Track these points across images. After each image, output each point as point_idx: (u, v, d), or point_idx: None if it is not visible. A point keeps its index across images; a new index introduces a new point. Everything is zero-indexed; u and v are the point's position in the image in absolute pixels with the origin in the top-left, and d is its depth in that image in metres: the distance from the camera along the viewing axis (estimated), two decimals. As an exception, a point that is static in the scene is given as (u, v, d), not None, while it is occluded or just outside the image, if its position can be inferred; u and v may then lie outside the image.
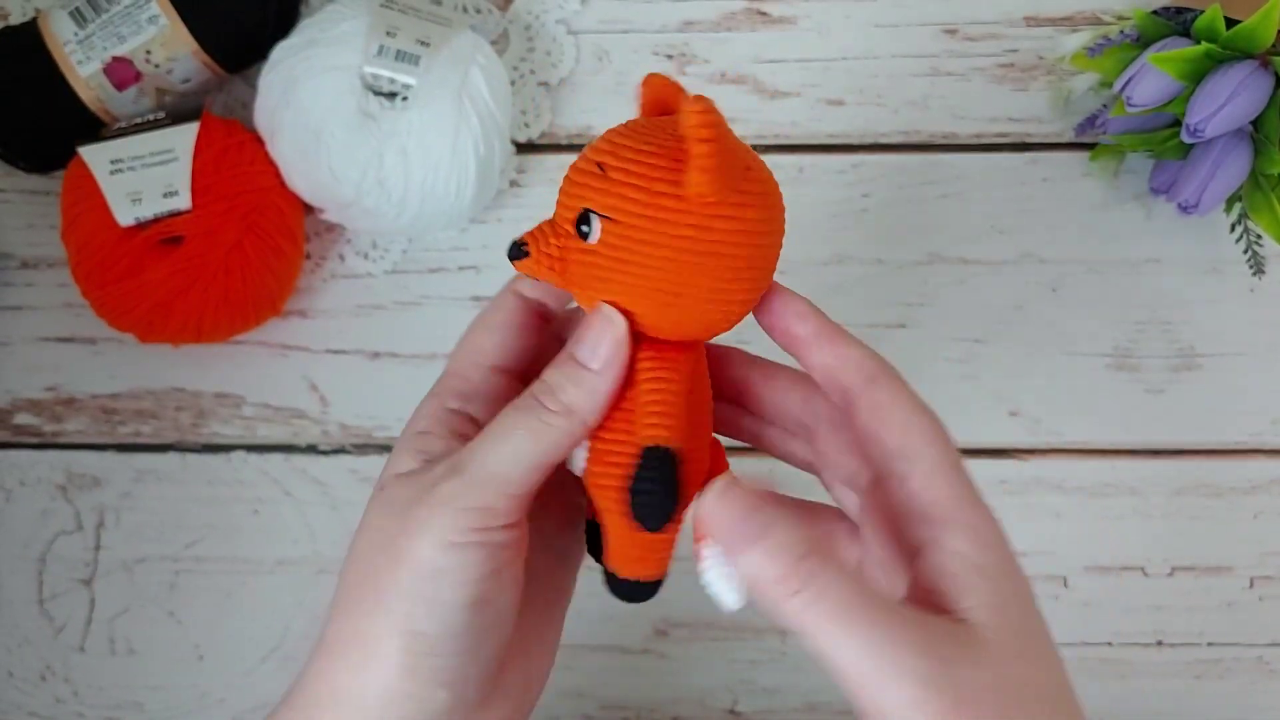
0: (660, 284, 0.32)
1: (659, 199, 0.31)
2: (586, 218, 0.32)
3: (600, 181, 0.31)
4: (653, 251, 0.32)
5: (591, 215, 0.32)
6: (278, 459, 0.56)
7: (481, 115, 0.52)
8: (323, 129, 0.51)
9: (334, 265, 0.57)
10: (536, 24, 0.58)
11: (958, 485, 0.33)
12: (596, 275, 0.32)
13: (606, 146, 0.32)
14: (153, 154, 0.51)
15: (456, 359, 0.37)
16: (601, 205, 0.31)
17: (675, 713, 0.54)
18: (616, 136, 0.32)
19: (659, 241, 0.31)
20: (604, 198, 0.31)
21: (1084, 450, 0.56)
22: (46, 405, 0.56)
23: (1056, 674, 0.32)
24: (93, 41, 0.52)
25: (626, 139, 0.32)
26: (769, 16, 0.58)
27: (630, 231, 0.31)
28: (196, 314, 0.52)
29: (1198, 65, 0.49)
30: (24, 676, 0.55)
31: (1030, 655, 0.31)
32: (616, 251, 0.32)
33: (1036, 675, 0.31)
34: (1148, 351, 0.56)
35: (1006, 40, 0.58)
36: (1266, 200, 0.51)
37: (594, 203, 0.31)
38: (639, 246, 0.32)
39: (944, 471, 0.33)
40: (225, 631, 0.55)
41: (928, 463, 0.33)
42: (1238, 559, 0.55)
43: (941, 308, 0.56)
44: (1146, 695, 0.54)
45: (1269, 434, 0.55)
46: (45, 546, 0.55)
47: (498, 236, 0.57)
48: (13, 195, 0.57)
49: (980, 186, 0.57)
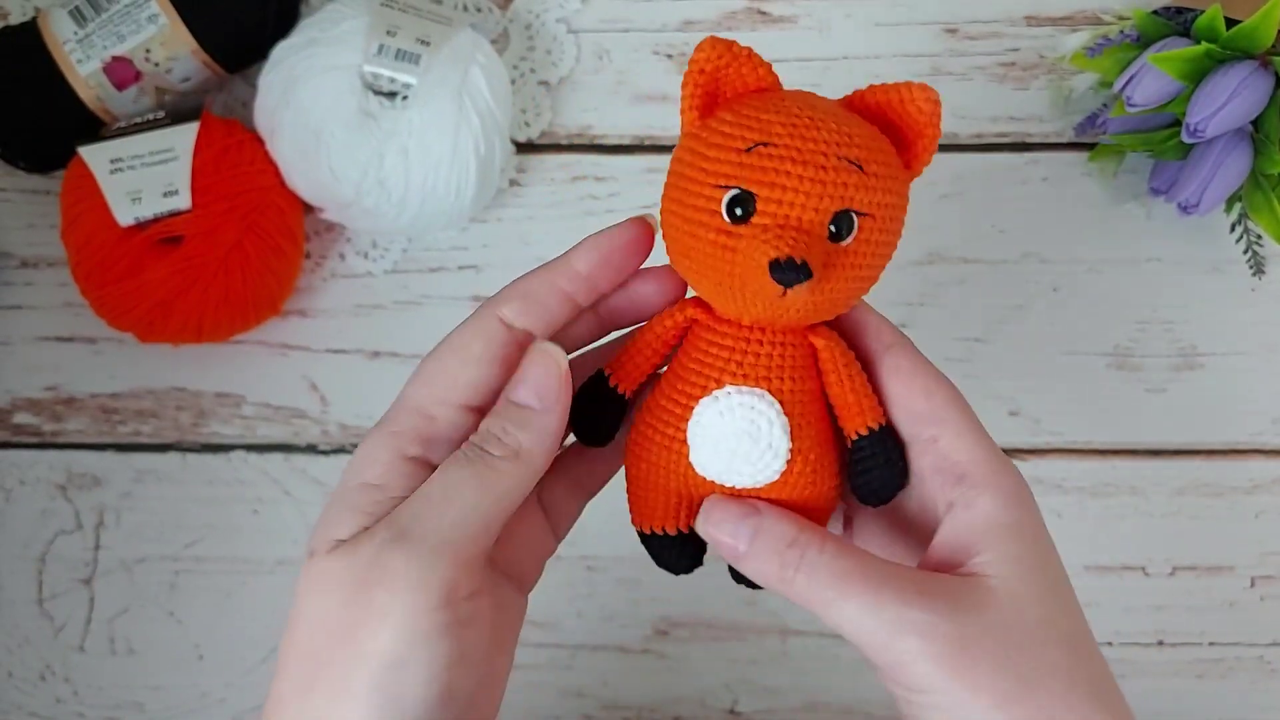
0: (878, 270, 0.33)
1: (903, 186, 0.32)
2: (847, 218, 0.31)
3: (859, 178, 0.31)
4: (893, 239, 0.32)
5: (852, 215, 0.31)
6: (277, 459, 0.56)
7: (482, 114, 0.52)
8: (323, 128, 0.51)
9: (334, 265, 0.57)
10: (537, 23, 0.58)
11: (987, 447, 0.33)
12: (845, 275, 0.32)
13: (841, 139, 0.31)
14: (152, 153, 0.51)
15: (421, 390, 0.33)
16: (863, 203, 0.31)
17: (675, 713, 0.54)
18: (837, 125, 0.31)
19: (898, 228, 0.33)
20: (866, 194, 0.31)
21: (1084, 450, 0.56)
22: (46, 405, 0.56)
23: (1075, 619, 0.32)
24: (92, 41, 0.52)
25: (853, 128, 0.31)
26: (769, 15, 0.58)
27: (881, 224, 0.32)
28: (196, 314, 0.52)
29: (1198, 65, 0.49)
30: (24, 676, 0.54)
31: (1048, 601, 0.31)
32: (865, 247, 0.32)
33: (1053, 618, 0.31)
34: (1148, 351, 0.56)
35: (1007, 40, 0.58)
36: (1267, 200, 0.51)
37: (855, 201, 0.31)
38: (887, 237, 0.32)
39: (972, 433, 0.33)
40: (225, 631, 0.55)
41: (954, 425, 0.33)
42: (1239, 559, 0.55)
43: (942, 307, 0.56)
44: (1148, 695, 0.54)
45: (1270, 433, 0.55)
46: (45, 546, 0.55)
47: (498, 236, 0.57)
48: (13, 195, 0.57)
49: (981, 186, 0.57)
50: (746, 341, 0.33)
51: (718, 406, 0.33)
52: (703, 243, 0.32)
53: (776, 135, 0.31)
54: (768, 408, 0.33)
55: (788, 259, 0.30)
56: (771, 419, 0.33)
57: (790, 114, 0.31)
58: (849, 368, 0.34)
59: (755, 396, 0.33)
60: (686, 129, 0.33)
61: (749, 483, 0.33)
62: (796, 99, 0.32)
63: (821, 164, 0.31)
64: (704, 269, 0.32)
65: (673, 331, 0.34)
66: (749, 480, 0.33)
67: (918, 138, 0.33)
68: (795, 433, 0.33)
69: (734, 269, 0.31)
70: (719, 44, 0.32)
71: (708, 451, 0.33)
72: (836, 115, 0.32)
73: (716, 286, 0.32)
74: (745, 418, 0.33)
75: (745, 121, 0.31)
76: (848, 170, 0.31)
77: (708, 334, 0.34)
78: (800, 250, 0.30)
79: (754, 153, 0.31)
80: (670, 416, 0.34)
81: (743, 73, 0.32)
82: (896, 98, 0.32)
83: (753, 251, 0.30)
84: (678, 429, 0.33)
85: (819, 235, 0.31)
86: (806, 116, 0.31)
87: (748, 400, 0.33)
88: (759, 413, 0.33)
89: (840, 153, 0.31)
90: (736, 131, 0.31)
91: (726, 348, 0.33)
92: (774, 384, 0.33)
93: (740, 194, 0.31)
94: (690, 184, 0.32)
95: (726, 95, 0.33)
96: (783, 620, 0.54)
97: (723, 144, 0.31)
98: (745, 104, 0.32)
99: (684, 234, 0.32)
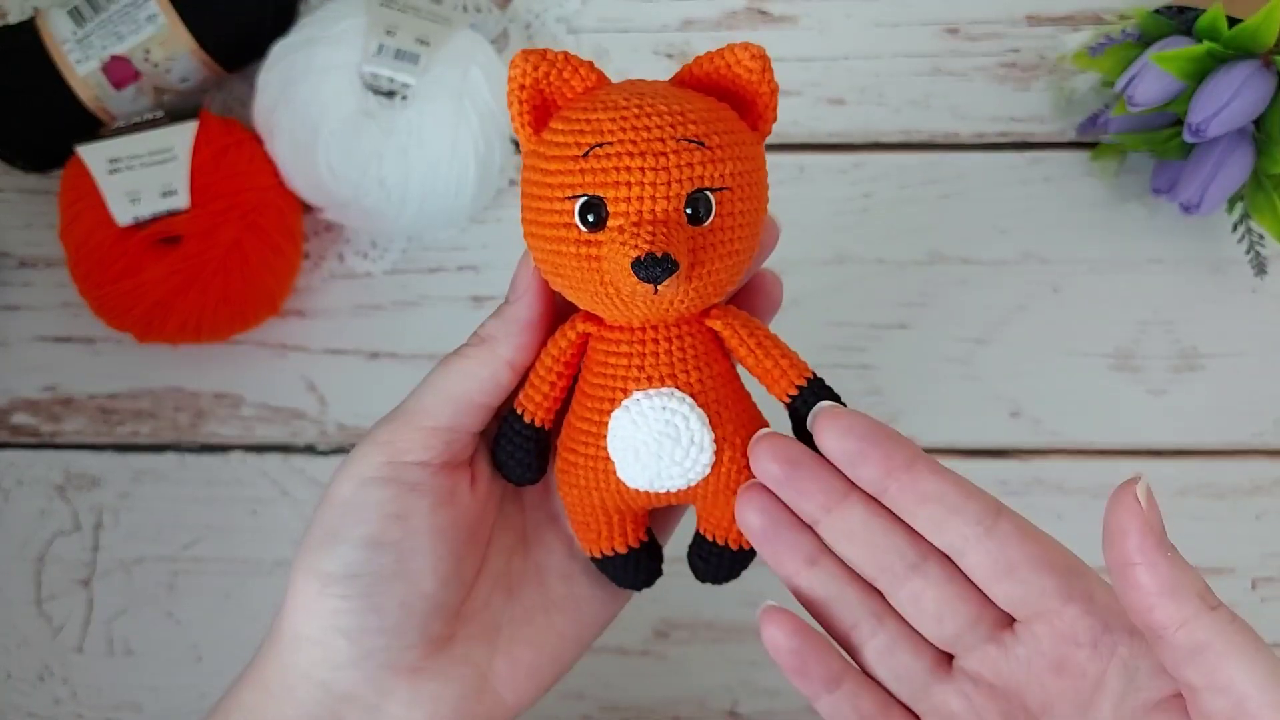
0: (752, 240, 0.32)
1: (753, 150, 0.31)
2: (703, 198, 0.30)
3: (702, 154, 0.30)
4: (758, 205, 0.31)
5: (707, 193, 0.30)
6: (276, 459, 0.55)
7: (481, 114, 0.52)
8: (321, 128, 0.51)
9: (333, 265, 0.57)
10: (536, 23, 0.58)
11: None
12: (717, 254, 0.31)
13: (675, 120, 0.30)
14: (151, 153, 0.51)
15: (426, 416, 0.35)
16: (714, 178, 0.30)
17: (675, 713, 0.54)
18: (668, 106, 0.30)
19: (761, 192, 0.32)
20: (715, 168, 0.30)
21: (1085, 451, 0.55)
22: (44, 405, 0.56)
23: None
24: (91, 40, 0.52)
25: (685, 105, 0.30)
26: (770, 15, 0.58)
27: (739, 194, 0.31)
28: (195, 313, 0.52)
29: (1200, 64, 0.49)
30: (22, 677, 0.54)
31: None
32: (730, 220, 0.31)
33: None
34: (1149, 352, 0.56)
35: (1008, 39, 0.57)
36: (1268, 200, 0.51)
37: (705, 179, 0.30)
38: (750, 205, 0.31)
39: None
40: (223, 632, 0.55)
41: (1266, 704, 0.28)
42: (1239, 560, 0.55)
43: (942, 308, 0.56)
44: (1148, 697, 0.54)
45: (1271, 434, 0.55)
46: (43, 547, 0.55)
47: (497, 236, 0.57)
48: (11, 194, 0.57)
49: (982, 186, 0.57)
50: (643, 344, 0.32)
51: (629, 416, 0.32)
52: (567, 257, 0.31)
53: (609, 132, 0.30)
54: (679, 404, 0.32)
55: (649, 255, 0.29)
56: (686, 414, 0.32)
57: (618, 107, 0.30)
58: (754, 336, 0.33)
59: (664, 396, 0.32)
60: (525, 147, 0.32)
61: (682, 484, 0.33)
62: (623, 90, 0.31)
63: (660, 150, 0.30)
64: (575, 283, 0.31)
65: (569, 351, 0.34)
66: (681, 481, 0.33)
67: (755, 97, 0.32)
68: (714, 421, 0.32)
69: (602, 277, 0.30)
70: (532, 55, 0.31)
71: (632, 463, 0.32)
72: (666, 96, 0.31)
73: (593, 297, 0.31)
74: (660, 419, 0.32)
75: (576, 126, 0.31)
76: (689, 150, 0.30)
77: (603, 345, 0.33)
78: (660, 244, 0.29)
79: (591, 155, 0.30)
80: (587, 437, 0.33)
81: (565, 78, 0.31)
82: (723, 63, 0.31)
83: (615, 255, 0.30)
84: (598, 447, 0.33)
85: (678, 222, 0.30)
86: (635, 106, 0.30)
87: (658, 402, 0.32)
88: (672, 411, 0.32)
89: (677, 134, 0.30)
90: (570, 139, 0.31)
91: (624, 354, 0.32)
92: (680, 379, 0.32)
93: (589, 200, 0.30)
94: (540, 201, 0.31)
95: (556, 104, 0.32)
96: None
97: (560, 154, 0.31)
98: (574, 107, 0.31)
99: (549, 253, 0.31)
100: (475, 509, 0.35)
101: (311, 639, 0.33)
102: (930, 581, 0.32)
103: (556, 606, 0.37)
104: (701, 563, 0.36)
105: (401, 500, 0.33)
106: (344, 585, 0.33)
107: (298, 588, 0.33)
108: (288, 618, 0.34)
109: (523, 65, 0.31)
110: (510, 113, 0.32)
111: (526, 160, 0.32)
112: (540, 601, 0.37)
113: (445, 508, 0.34)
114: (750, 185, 0.31)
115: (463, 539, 0.35)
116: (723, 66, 0.31)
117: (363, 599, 0.33)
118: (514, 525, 0.37)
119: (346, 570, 0.33)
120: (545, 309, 0.34)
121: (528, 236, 0.32)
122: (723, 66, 0.31)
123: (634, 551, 0.36)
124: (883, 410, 0.55)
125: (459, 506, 0.34)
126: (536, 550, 0.38)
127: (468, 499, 0.35)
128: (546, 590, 0.37)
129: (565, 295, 0.33)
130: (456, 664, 0.35)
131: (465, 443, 0.35)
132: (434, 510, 0.34)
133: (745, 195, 0.31)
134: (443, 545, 0.34)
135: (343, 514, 0.33)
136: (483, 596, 0.36)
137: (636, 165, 0.30)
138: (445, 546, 0.34)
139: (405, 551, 0.33)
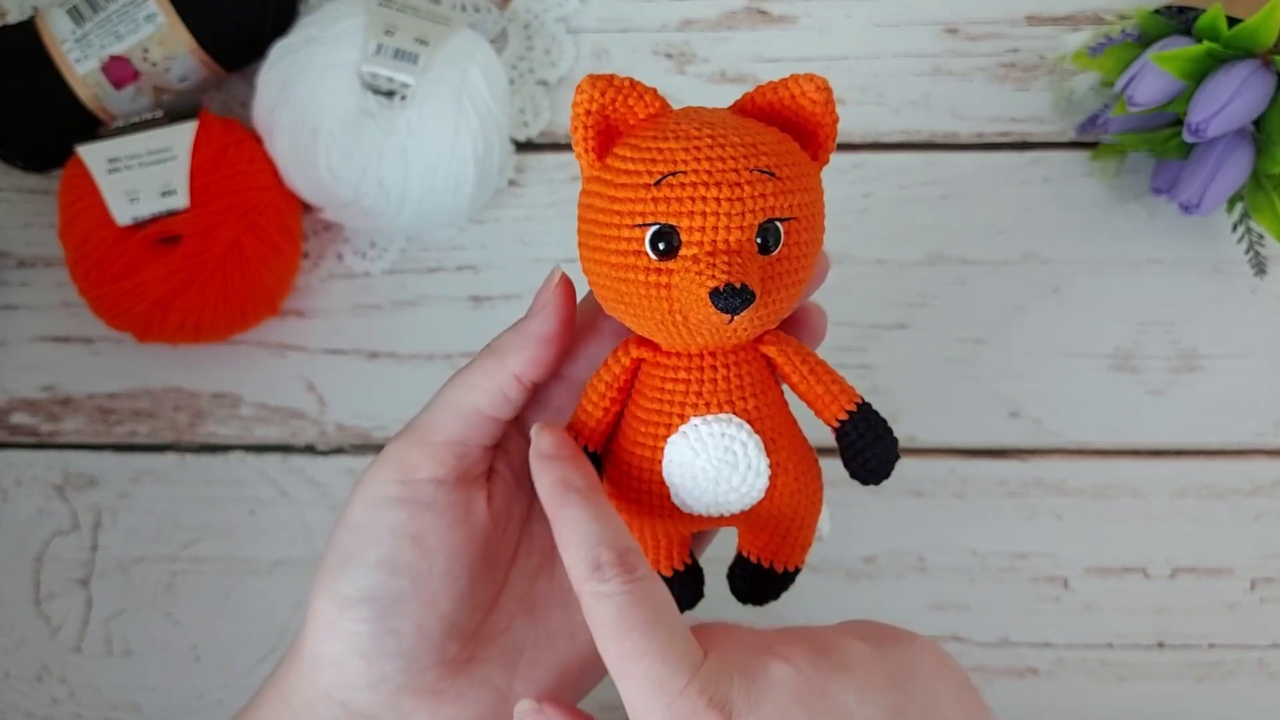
0: (812, 270, 0.32)
1: (815, 180, 0.32)
2: (773, 228, 0.30)
3: (774, 185, 0.30)
4: (818, 234, 0.32)
5: (777, 223, 0.30)
6: (275, 459, 0.55)
7: (480, 114, 0.52)
8: (321, 127, 0.51)
9: (332, 264, 0.57)
10: (535, 22, 0.58)
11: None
12: (784, 284, 0.31)
13: (747, 151, 0.30)
14: (150, 153, 0.51)
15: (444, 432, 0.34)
16: (784, 209, 0.30)
17: (674, 714, 0.54)
18: (739, 137, 0.30)
19: (821, 221, 0.32)
20: (785, 199, 0.30)
21: (1085, 451, 0.55)
22: (43, 405, 0.56)
23: None
24: (90, 40, 0.52)
25: (756, 137, 0.31)
26: (769, 15, 0.58)
27: (805, 223, 0.31)
28: (194, 313, 0.51)
29: (1199, 64, 0.49)
30: (20, 677, 0.54)
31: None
32: (796, 250, 0.31)
33: None
34: (1149, 352, 0.56)
35: (1008, 39, 0.57)
36: (1268, 200, 0.51)
37: (776, 209, 0.30)
38: (813, 234, 0.31)
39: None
40: (222, 632, 0.54)
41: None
42: (1239, 561, 0.54)
43: (942, 308, 0.56)
44: (1147, 697, 0.54)
45: (1271, 435, 0.55)
46: (42, 546, 0.55)
47: (496, 236, 0.57)
48: (10, 194, 0.57)
49: (981, 186, 0.57)
50: (700, 370, 0.32)
51: (688, 442, 0.32)
52: (635, 285, 0.31)
53: (683, 162, 0.30)
54: (739, 430, 0.32)
55: (727, 286, 0.29)
56: (745, 440, 0.32)
57: (689, 136, 0.30)
58: (806, 362, 0.33)
59: (724, 423, 0.32)
60: (587, 173, 0.32)
61: (737, 509, 0.33)
62: (691, 119, 0.31)
63: (735, 181, 0.30)
64: (641, 310, 0.31)
65: (623, 377, 0.33)
66: (737, 507, 0.33)
67: (817, 129, 0.32)
68: (769, 447, 0.32)
69: (673, 305, 0.30)
70: (599, 81, 0.31)
71: (690, 489, 0.32)
72: (736, 127, 0.31)
73: (659, 325, 0.31)
74: (720, 446, 0.32)
75: (647, 154, 0.30)
76: (762, 181, 0.30)
77: (658, 370, 0.33)
78: (737, 274, 0.29)
79: (664, 184, 0.30)
80: (641, 462, 0.33)
81: (630, 104, 0.31)
82: (787, 94, 0.32)
83: (689, 285, 0.30)
84: (652, 472, 0.33)
85: (750, 252, 0.30)
86: (707, 135, 0.30)
87: (717, 429, 0.32)
88: (731, 438, 0.32)
89: (750, 164, 0.30)
90: (641, 166, 0.30)
91: (682, 380, 0.32)
92: (738, 405, 0.32)
93: (661, 229, 0.30)
94: (606, 229, 0.31)
95: (619, 130, 0.32)
96: (783, 621, 0.54)
97: (630, 182, 0.30)
98: (641, 135, 0.31)
99: (613, 280, 0.31)
100: (493, 527, 0.35)
101: (330, 660, 0.33)
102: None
103: (581, 630, 0.36)
104: (744, 584, 0.37)
105: (415, 521, 0.33)
106: (360, 608, 0.32)
107: (316, 609, 0.33)
108: (308, 637, 0.34)
109: (589, 91, 0.31)
110: (573, 138, 0.32)
111: (589, 186, 0.32)
112: (564, 625, 0.36)
113: (460, 526, 0.34)
114: (814, 215, 0.32)
115: (480, 558, 0.34)
116: (786, 97, 0.32)
117: (379, 622, 0.33)
118: (540, 548, 0.37)
119: (362, 593, 0.32)
120: (561, 327, 0.34)
121: (587, 262, 0.32)
122: (786, 97, 0.32)
123: (679, 574, 0.36)
124: (883, 410, 0.55)
125: (474, 525, 0.34)
126: (562, 573, 0.37)
127: (484, 516, 0.34)
128: (571, 614, 0.36)
129: (622, 321, 0.33)
130: (475, 687, 0.34)
131: (477, 457, 0.34)
132: (449, 530, 0.33)
133: (809, 225, 0.31)
134: (459, 565, 0.34)
135: (356, 536, 0.33)
136: (504, 619, 0.36)
137: (711, 195, 0.30)
138: (461, 566, 0.34)
139: (420, 573, 0.33)
